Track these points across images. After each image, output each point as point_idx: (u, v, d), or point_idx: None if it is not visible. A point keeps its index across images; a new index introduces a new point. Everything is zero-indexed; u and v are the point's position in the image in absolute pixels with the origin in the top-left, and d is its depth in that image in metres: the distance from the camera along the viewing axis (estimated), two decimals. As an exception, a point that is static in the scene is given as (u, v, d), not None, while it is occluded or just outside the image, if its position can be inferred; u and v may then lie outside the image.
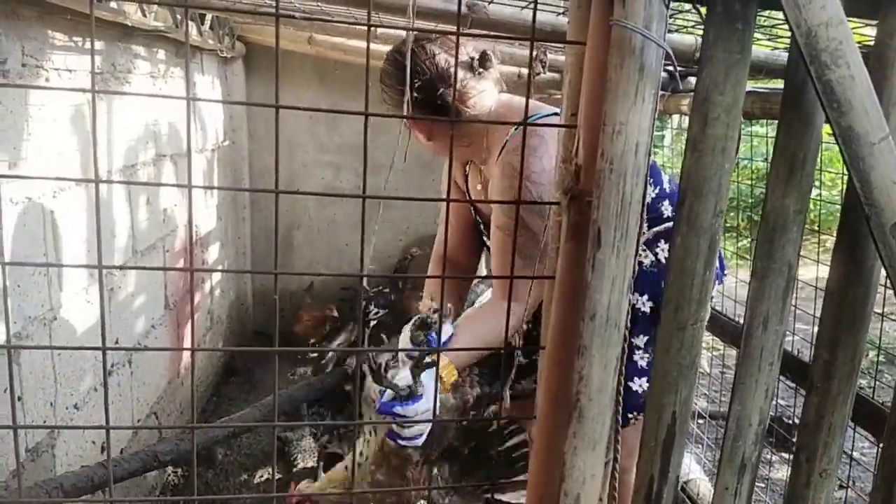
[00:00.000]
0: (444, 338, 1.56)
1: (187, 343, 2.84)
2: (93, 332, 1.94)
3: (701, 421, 2.88)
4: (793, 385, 2.55)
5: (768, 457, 2.78)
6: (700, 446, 2.78)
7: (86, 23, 1.84)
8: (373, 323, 3.85)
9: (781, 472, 2.78)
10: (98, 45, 2.03)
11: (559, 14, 2.05)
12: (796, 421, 2.75)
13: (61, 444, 1.79)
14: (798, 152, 0.88)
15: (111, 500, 0.96)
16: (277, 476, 2.71)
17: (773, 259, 0.91)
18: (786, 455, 2.80)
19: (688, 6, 1.68)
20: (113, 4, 1.84)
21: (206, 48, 3.07)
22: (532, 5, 0.97)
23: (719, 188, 0.87)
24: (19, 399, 1.56)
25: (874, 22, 0.91)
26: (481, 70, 1.67)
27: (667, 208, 1.72)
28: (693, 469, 2.54)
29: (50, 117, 1.73)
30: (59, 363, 1.77)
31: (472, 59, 1.67)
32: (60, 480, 1.34)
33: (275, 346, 0.89)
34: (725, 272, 2.02)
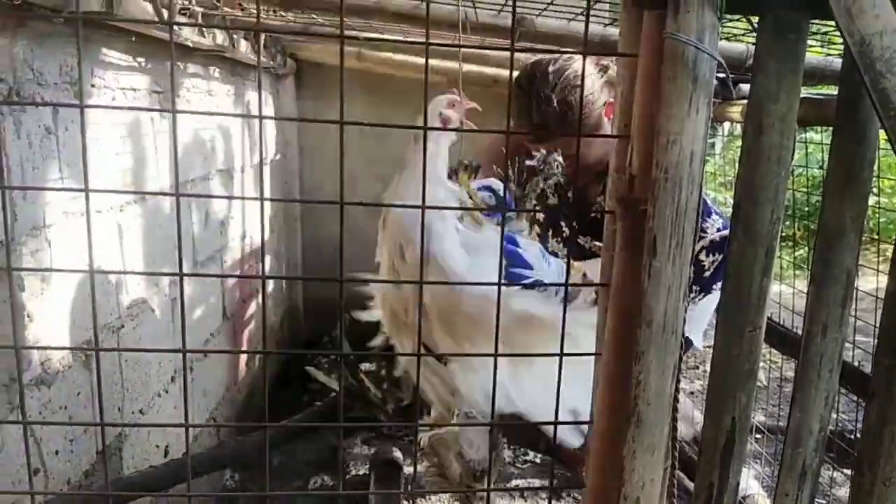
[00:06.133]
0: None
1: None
2: (156, 339, 2.02)
3: (759, 436, 2.81)
4: (854, 398, 2.47)
5: (830, 473, 2.70)
6: (759, 462, 2.71)
7: (148, 44, 1.93)
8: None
9: (844, 490, 2.69)
10: (157, 65, 2.13)
11: (606, 25, 2.06)
12: (858, 436, 2.65)
13: (128, 447, 1.87)
14: (854, 158, 0.88)
15: (189, 493, 1.01)
16: (330, 484, 2.75)
17: (831, 266, 0.91)
18: (848, 471, 2.71)
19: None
20: (186, 30, 1.92)
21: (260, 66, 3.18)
22: (581, 16, 0.99)
23: (776, 196, 0.87)
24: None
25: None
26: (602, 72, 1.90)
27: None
28: (751, 485, 2.47)
29: (115, 135, 1.82)
30: (126, 370, 1.86)
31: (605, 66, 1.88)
32: (132, 479, 1.40)
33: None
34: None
